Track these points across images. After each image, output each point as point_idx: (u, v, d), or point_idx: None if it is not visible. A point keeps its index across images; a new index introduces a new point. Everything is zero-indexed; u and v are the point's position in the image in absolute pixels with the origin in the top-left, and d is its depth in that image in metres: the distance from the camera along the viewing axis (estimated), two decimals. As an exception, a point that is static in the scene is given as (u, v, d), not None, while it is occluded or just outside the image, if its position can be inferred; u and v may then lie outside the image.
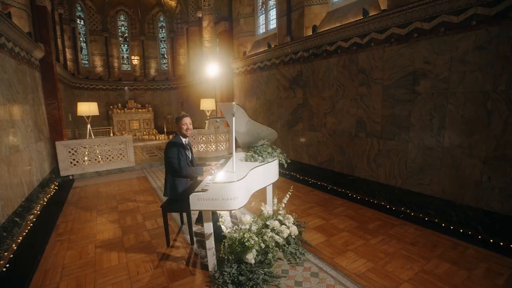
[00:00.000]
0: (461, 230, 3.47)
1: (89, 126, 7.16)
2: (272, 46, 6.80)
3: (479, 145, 3.32)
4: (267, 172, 3.17)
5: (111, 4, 13.39)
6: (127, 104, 14.17)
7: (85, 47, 13.16)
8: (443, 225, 3.63)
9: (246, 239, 2.70)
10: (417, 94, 3.90)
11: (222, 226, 2.72)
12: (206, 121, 8.59)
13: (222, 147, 8.83)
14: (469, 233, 3.39)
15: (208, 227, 2.74)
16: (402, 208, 4.17)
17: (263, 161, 3.21)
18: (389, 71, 4.24)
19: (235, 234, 2.71)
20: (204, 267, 2.89)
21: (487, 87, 3.20)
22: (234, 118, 2.80)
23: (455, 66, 3.47)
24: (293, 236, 3.17)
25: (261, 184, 3.08)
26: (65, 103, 9.29)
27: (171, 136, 7.53)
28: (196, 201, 2.57)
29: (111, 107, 13.61)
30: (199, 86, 12.29)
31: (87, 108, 6.96)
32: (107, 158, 6.99)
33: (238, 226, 2.86)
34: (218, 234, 3.07)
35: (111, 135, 11.40)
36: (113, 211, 4.58)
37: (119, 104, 13.93)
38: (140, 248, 3.35)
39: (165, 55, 15.51)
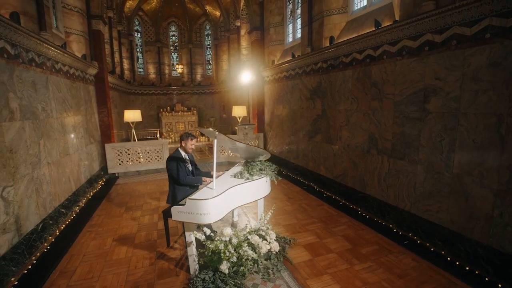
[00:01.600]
0: (467, 268, 3.10)
1: (133, 130, 8.24)
2: (296, 56, 6.82)
3: (491, 175, 2.93)
4: (252, 189, 3.34)
5: (163, 17, 14.89)
6: (175, 107, 15.57)
7: (141, 57, 14.94)
8: (449, 258, 3.28)
9: (222, 250, 2.95)
10: (427, 112, 3.58)
11: (199, 235, 3.00)
12: (236, 128, 9.00)
13: (250, 152, 9.15)
14: (476, 272, 3.02)
15: (189, 236, 3.06)
16: (410, 234, 3.87)
17: (248, 179, 3.40)
18: (400, 86, 3.96)
19: (211, 245, 2.98)
20: (189, 270, 3.22)
21: (501, 109, 2.81)
22: (216, 140, 3.07)
23: (467, 84, 3.11)
24: (274, 252, 3.29)
25: (245, 200, 3.28)
26: (120, 108, 10.77)
27: (210, 139, 8.28)
28: (176, 213, 2.91)
29: (161, 110, 15.15)
30: (237, 91, 12.85)
31: (132, 115, 8.02)
32: (146, 159, 7.95)
33: (219, 237, 3.12)
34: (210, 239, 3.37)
35: (158, 135, 12.77)
36: (138, 209, 5.29)
37: (168, 107, 15.40)
38: (145, 246, 3.87)
39: (210, 61, 16.55)
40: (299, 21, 7.53)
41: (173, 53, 16.15)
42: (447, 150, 3.36)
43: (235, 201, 3.13)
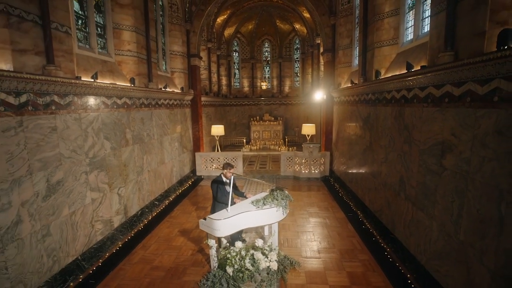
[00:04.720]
0: None
1: (217, 142, 10.23)
2: (354, 83, 6.87)
3: (489, 254, 2.68)
4: (260, 216, 4.16)
5: (257, 36, 16.80)
6: (264, 117, 17.33)
7: (238, 73, 17.42)
8: (446, 327, 3.11)
9: (229, 258, 3.97)
10: (443, 168, 3.38)
11: (212, 243, 4.09)
12: (303, 146, 9.59)
13: (315, 170, 9.56)
14: None
15: (211, 242, 4.21)
16: (422, 291, 3.71)
17: (259, 207, 4.22)
18: (425, 134, 3.79)
19: (222, 252, 4.04)
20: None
21: (503, 184, 2.55)
22: (232, 177, 4.08)
23: (476, 148, 2.87)
24: (272, 269, 4.01)
25: (252, 224, 4.15)
26: (215, 120, 13.24)
27: (290, 149, 9.21)
28: (202, 224, 4.12)
29: (252, 119, 17.21)
30: (315, 106, 13.22)
31: (216, 130, 10.00)
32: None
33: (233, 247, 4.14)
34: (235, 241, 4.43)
35: (244, 142, 14.80)
36: (203, 209, 6.92)
37: (257, 117, 17.31)
38: (195, 240, 5.32)
39: (298, 74, 17.39)
40: (365, 45, 7.41)
41: (265, 67, 17.94)
42: (456, 213, 3.14)
43: (243, 224, 4.05)
